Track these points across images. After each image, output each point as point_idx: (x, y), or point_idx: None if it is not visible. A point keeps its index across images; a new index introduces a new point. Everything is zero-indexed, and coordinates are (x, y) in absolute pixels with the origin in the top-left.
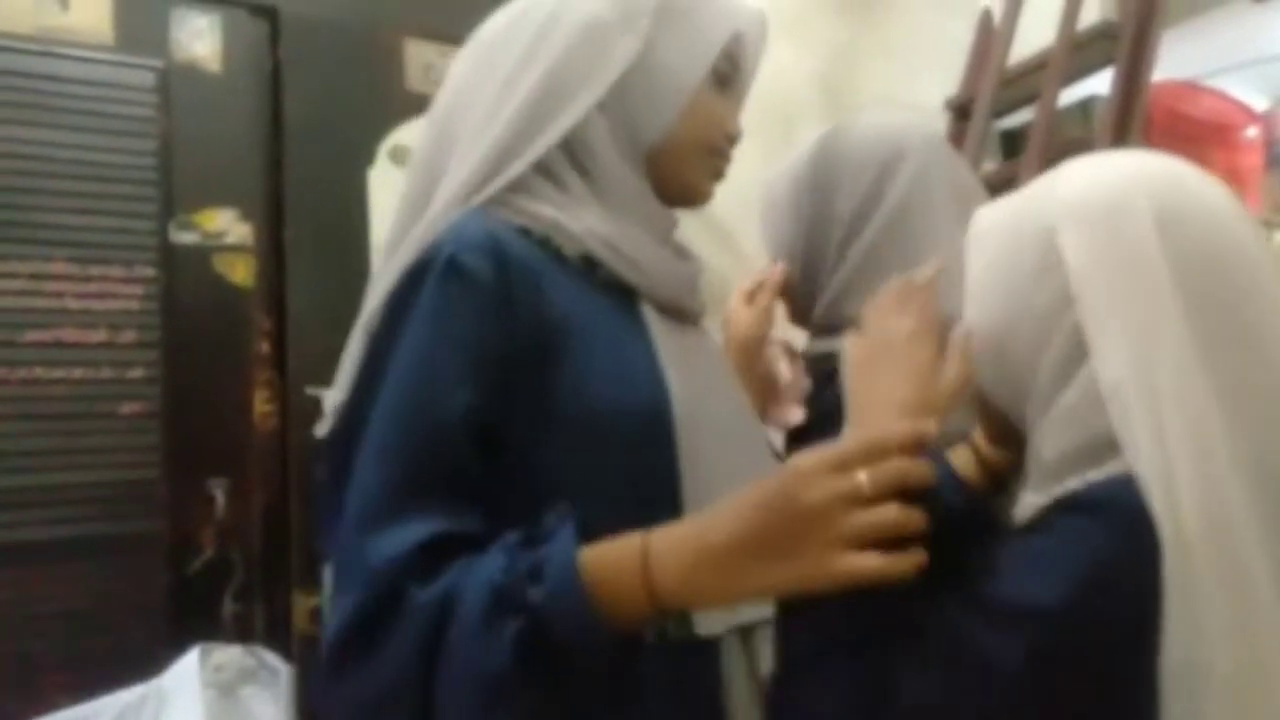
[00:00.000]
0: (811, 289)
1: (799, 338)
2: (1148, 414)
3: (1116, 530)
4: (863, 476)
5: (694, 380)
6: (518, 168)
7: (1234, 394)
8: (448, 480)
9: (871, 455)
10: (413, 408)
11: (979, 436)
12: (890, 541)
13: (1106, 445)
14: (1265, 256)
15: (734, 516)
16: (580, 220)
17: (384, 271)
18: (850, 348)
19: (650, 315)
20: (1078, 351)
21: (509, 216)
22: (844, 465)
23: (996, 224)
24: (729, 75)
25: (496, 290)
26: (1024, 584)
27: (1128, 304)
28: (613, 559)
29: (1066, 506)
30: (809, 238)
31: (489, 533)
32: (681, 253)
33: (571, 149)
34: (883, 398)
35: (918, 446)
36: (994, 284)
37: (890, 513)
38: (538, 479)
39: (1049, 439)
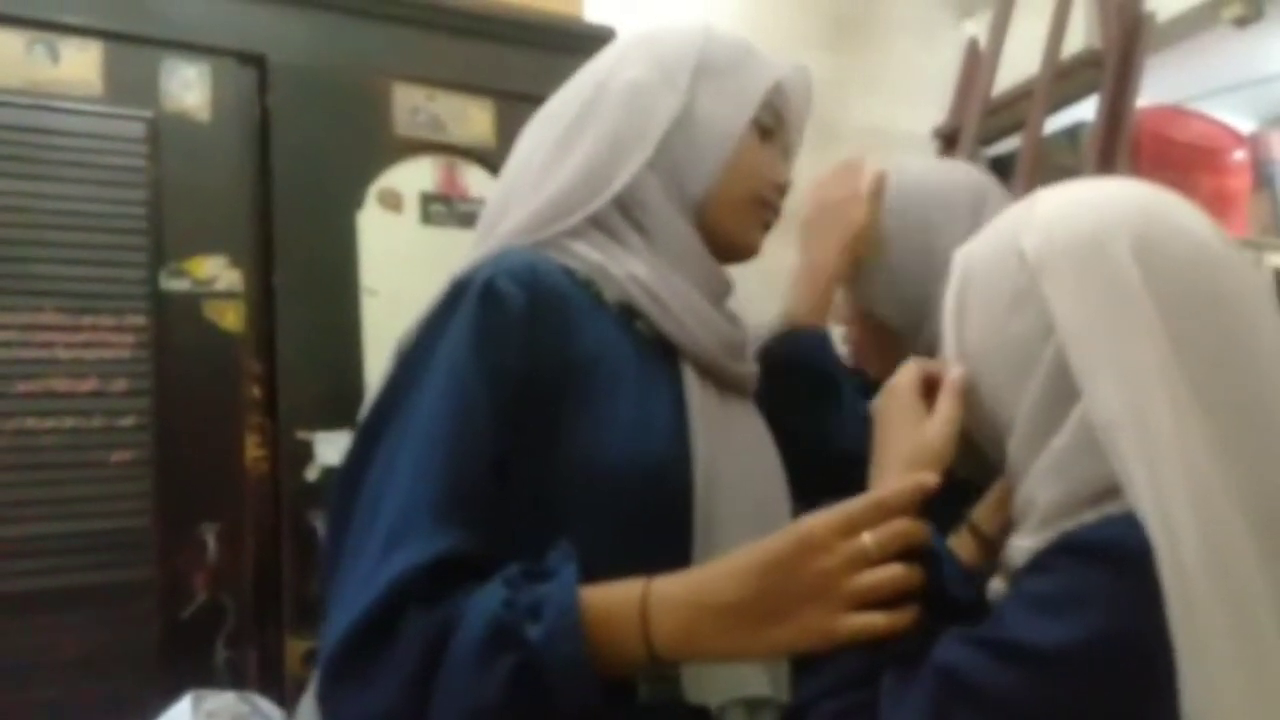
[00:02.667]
0: (915, 320)
1: None
2: (1143, 454)
3: (1119, 571)
4: (868, 539)
5: (725, 448)
6: (573, 220)
7: (1228, 429)
8: (471, 501)
9: (876, 516)
10: (448, 429)
11: (979, 514)
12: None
13: (1103, 491)
14: (1249, 281)
15: (738, 579)
16: (624, 267)
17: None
18: (876, 405)
19: (690, 375)
20: (1064, 388)
21: (556, 256)
22: (851, 528)
23: (973, 252)
24: (772, 127)
25: (525, 316)
26: (1029, 625)
27: (1113, 339)
28: (612, 605)
29: (1065, 549)
30: (909, 274)
31: (495, 556)
32: (733, 319)
33: (626, 207)
34: (890, 450)
35: (919, 501)
36: (969, 312)
37: (893, 572)
38: (542, 516)
39: (1042, 486)
